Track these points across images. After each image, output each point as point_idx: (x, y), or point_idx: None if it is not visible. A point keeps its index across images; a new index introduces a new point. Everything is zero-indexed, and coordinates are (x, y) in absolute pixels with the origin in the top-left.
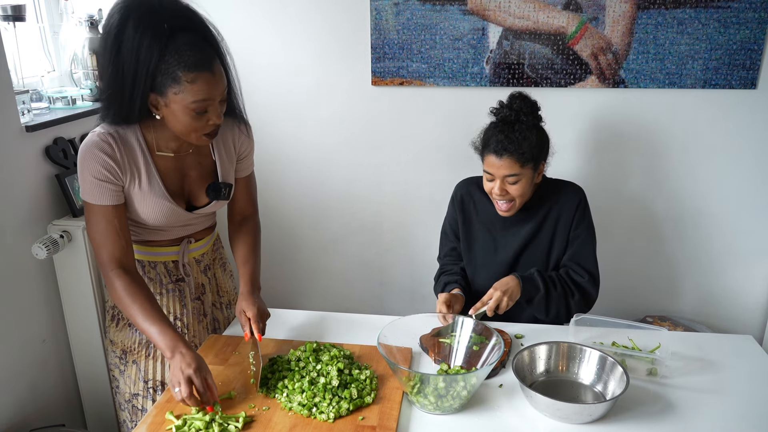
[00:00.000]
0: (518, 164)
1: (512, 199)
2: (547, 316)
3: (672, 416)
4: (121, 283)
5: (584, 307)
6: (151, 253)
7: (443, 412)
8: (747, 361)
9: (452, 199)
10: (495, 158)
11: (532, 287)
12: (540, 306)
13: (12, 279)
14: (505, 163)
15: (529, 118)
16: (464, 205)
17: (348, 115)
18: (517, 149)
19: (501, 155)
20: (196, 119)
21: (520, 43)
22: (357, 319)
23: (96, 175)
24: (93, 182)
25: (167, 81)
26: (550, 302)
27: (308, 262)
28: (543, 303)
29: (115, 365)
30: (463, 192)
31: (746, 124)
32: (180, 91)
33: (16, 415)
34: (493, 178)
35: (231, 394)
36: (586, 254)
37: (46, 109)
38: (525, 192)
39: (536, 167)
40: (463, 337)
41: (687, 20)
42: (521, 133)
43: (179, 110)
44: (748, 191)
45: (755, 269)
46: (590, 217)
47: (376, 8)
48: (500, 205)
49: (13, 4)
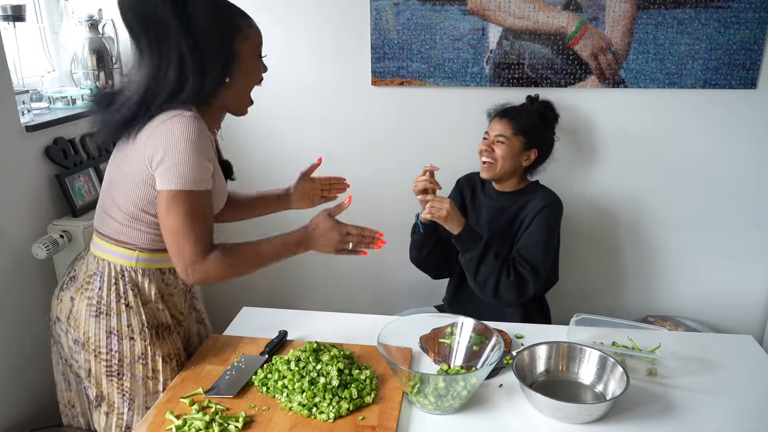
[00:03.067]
0: (511, 129)
1: (494, 160)
2: (474, 279)
3: (672, 416)
4: (222, 256)
5: (517, 293)
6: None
7: (443, 412)
8: (747, 361)
9: (455, 188)
10: (496, 120)
11: (473, 237)
12: (471, 263)
13: (12, 279)
14: (500, 125)
15: (543, 111)
16: (464, 191)
17: (348, 115)
18: (515, 117)
19: (501, 118)
20: (260, 64)
21: (520, 43)
22: (357, 319)
23: (209, 158)
24: (205, 166)
25: (234, 32)
26: (481, 264)
27: (308, 262)
28: (474, 262)
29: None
30: (465, 179)
31: (746, 124)
32: (245, 36)
33: (16, 415)
34: (487, 138)
35: None
36: (534, 251)
37: (46, 109)
38: (506, 159)
39: (526, 146)
40: (463, 337)
41: (687, 20)
42: (527, 113)
43: (250, 57)
44: (748, 191)
45: (755, 269)
46: (553, 225)
47: (376, 8)
48: (483, 164)
49: (13, 4)
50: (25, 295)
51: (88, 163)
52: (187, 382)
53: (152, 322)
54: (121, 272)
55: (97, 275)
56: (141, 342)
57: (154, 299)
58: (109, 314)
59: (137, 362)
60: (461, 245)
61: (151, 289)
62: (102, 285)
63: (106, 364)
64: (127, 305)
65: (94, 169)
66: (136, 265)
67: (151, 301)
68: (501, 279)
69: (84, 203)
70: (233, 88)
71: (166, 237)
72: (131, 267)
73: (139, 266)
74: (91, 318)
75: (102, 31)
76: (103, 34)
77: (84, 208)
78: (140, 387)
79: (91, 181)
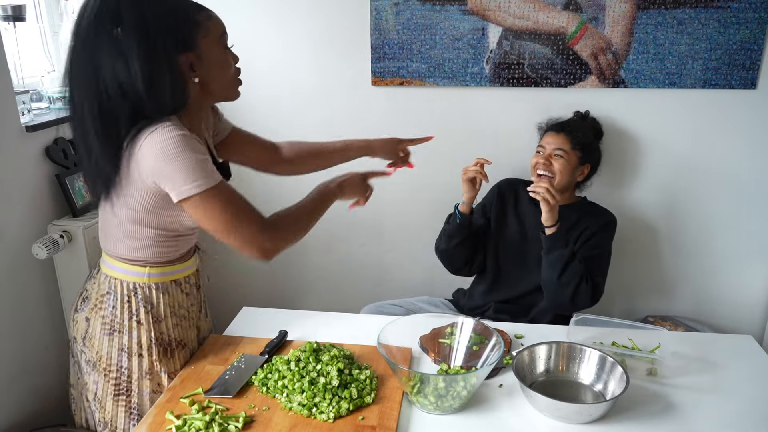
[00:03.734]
0: (569, 143)
1: (552, 174)
2: (558, 279)
3: (672, 416)
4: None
5: (590, 300)
6: (186, 267)
7: (443, 412)
8: (747, 361)
9: (495, 191)
10: (553, 134)
11: (564, 237)
12: (559, 262)
13: (12, 279)
14: (559, 139)
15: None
16: (506, 200)
17: (348, 115)
18: (573, 131)
19: (559, 132)
20: (228, 54)
21: (520, 43)
22: (357, 319)
23: (203, 153)
24: (204, 160)
25: (191, 30)
26: (567, 266)
27: (308, 262)
28: (562, 262)
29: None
30: (506, 183)
31: (746, 124)
32: (206, 32)
33: (17, 415)
34: (542, 151)
35: None
36: (601, 264)
37: (47, 109)
38: (563, 174)
39: (581, 161)
40: (462, 337)
41: (687, 20)
42: (582, 128)
43: (214, 50)
44: (748, 191)
45: (755, 269)
46: (610, 242)
47: (376, 8)
48: (539, 177)
49: (13, 4)
50: (25, 295)
51: None
52: (187, 382)
53: (161, 339)
54: (133, 289)
55: (110, 294)
56: (148, 358)
57: (166, 315)
58: (122, 332)
59: (144, 378)
60: (552, 242)
61: (165, 305)
62: (115, 304)
63: (115, 382)
64: (138, 322)
65: None
66: (148, 281)
67: (162, 319)
68: (581, 284)
69: (84, 203)
70: (208, 84)
71: (222, 238)
72: (144, 283)
73: (152, 281)
74: (105, 336)
75: None
76: None
77: (84, 208)
78: (147, 402)
79: None
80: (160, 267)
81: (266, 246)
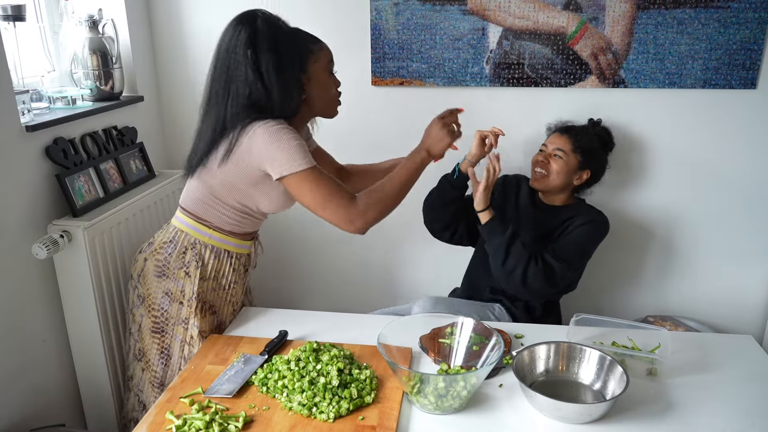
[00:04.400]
0: (570, 145)
1: (549, 172)
2: (502, 266)
3: (672, 416)
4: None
5: (545, 280)
6: (242, 246)
7: (443, 412)
8: (747, 361)
9: (501, 178)
10: (556, 135)
11: (501, 223)
12: (500, 249)
13: (12, 279)
14: (561, 140)
15: (603, 137)
16: (508, 188)
17: (348, 115)
18: (576, 136)
19: (562, 133)
20: (332, 79)
21: (520, 43)
22: (357, 319)
23: (299, 139)
24: (301, 145)
25: (306, 56)
26: (509, 251)
27: (308, 262)
28: (503, 248)
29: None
30: (512, 177)
31: (746, 124)
32: (316, 58)
33: (16, 415)
34: (545, 150)
35: None
36: (567, 248)
37: (46, 109)
38: (560, 174)
39: (581, 165)
40: (462, 337)
41: (687, 20)
42: (588, 134)
43: (321, 74)
44: (748, 191)
45: (755, 269)
46: (594, 239)
47: (376, 8)
48: (536, 173)
49: (13, 4)
50: (25, 295)
51: (88, 163)
52: (187, 382)
53: (202, 296)
54: (192, 244)
55: (171, 243)
56: (187, 307)
57: (210, 278)
58: (170, 277)
59: (179, 325)
60: (489, 231)
61: (212, 269)
62: (172, 252)
63: (154, 320)
64: (186, 273)
65: (95, 169)
66: (209, 242)
67: (206, 279)
68: (530, 266)
69: (84, 203)
70: (312, 100)
71: (317, 212)
72: (204, 242)
73: (210, 242)
74: (155, 278)
75: (102, 31)
76: (103, 34)
77: (84, 208)
78: (177, 348)
79: (91, 180)
80: (221, 234)
81: (354, 219)
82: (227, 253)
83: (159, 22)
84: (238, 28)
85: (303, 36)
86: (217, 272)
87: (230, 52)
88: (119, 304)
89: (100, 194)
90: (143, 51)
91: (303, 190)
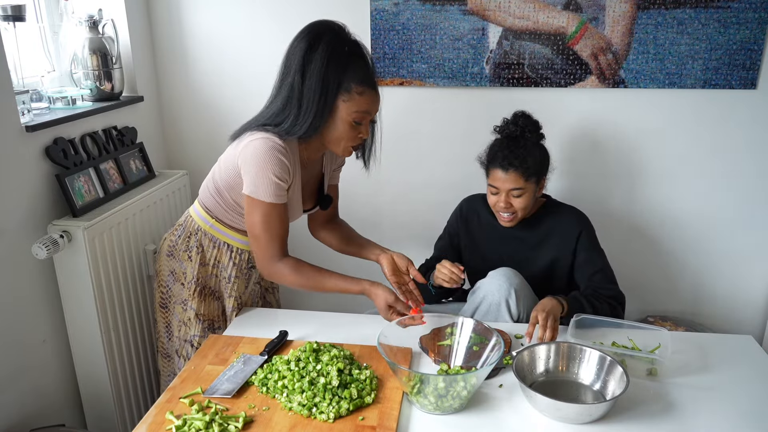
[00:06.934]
0: (522, 178)
1: (515, 211)
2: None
3: (672, 416)
4: (290, 267)
5: (622, 308)
6: (244, 242)
7: (443, 412)
8: (747, 361)
9: (457, 214)
10: (501, 173)
11: (576, 306)
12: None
13: (12, 279)
14: (510, 177)
15: (532, 135)
16: (469, 221)
17: None
18: (522, 164)
19: (507, 169)
20: (353, 129)
21: (520, 43)
22: (357, 319)
23: (279, 177)
24: (276, 183)
25: (337, 90)
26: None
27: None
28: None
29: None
30: (468, 208)
31: (746, 124)
32: (348, 99)
33: (16, 415)
34: (497, 191)
35: None
36: (597, 263)
37: (46, 109)
38: (527, 205)
39: (539, 182)
40: (462, 337)
41: (687, 20)
42: (526, 149)
43: (342, 117)
44: (748, 191)
45: (755, 269)
46: (595, 238)
47: (376, 8)
48: (503, 217)
49: (13, 4)
50: (25, 295)
51: (88, 163)
52: (187, 382)
53: (201, 281)
54: (196, 230)
55: (182, 226)
56: (186, 290)
57: (209, 265)
58: (176, 258)
59: (179, 304)
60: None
61: (211, 257)
62: (181, 234)
63: (161, 296)
64: (189, 257)
65: (94, 169)
66: (209, 231)
67: (207, 265)
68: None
69: (84, 203)
70: (325, 135)
71: (248, 233)
72: (204, 230)
73: (212, 233)
74: (165, 256)
75: (102, 31)
76: (103, 34)
77: (84, 208)
78: (176, 327)
79: (91, 181)
80: (220, 224)
81: (266, 267)
82: (227, 246)
83: (159, 22)
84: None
85: (354, 71)
86: (217, 261)
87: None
88: (119, 304)
89: (100, 194)
90: (143, 51)
91: (251, 215)
